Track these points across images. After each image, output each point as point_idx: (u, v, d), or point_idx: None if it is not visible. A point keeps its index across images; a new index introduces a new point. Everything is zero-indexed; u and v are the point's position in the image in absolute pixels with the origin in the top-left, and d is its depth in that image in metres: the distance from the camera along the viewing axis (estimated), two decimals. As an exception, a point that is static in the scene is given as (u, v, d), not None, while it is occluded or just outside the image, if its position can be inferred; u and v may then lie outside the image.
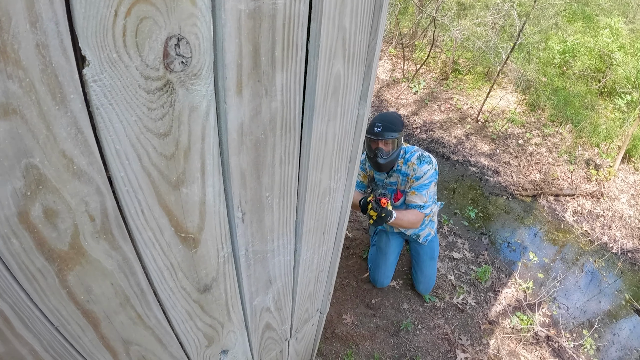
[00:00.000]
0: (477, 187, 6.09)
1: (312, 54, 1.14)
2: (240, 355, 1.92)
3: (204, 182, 1.12)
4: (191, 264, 1.25)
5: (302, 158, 1.34)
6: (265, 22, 1.00)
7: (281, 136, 1.21)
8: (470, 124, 7.27)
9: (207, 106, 1.01)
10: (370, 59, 1.36)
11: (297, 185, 1.41)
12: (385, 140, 3.33)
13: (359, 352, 3.55)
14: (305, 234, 1.64)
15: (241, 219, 1.28)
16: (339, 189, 1.66)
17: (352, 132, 1.51)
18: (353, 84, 1.36)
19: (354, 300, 3.96)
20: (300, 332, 2.38)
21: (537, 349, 3.90)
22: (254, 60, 1.03)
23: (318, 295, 2.23)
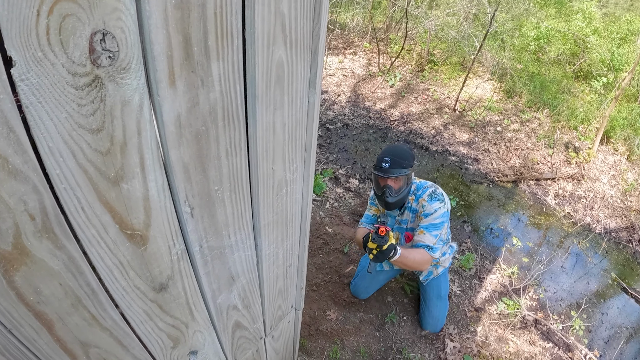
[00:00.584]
0: (457, 176, 6.11)
1: (249, 41, 1.12)
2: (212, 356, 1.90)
3: (145, 177, 1.10)
4: (142, 262, 1.23)
5: (250, 149, 1.32)
6: (195, 11, 0.98)
7: (224, 127, 1.19)
8: (448, 113, 7.30)
9: (140, 100, 1.00)
10: (315, 44, 1.34)
11: (249, 177, 1.39)
12: (394, 177, 3.16)
13: (345, 347, 3.55)
14: (265, 227, 1.63)
15: (190, 214, 1.26)
16: (296, 180, 1.65)
17: (304, 121, 1.49)
18: (299, 71, 1.34)
19: (337, 295, 3.95)
20: (276, 330, 2.37)
21: (526, 333, 3.93)
22: (185, 51, 1.01)
23: (290, 291, 2.21)
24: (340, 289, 4.01)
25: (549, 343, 3.87)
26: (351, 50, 9.07)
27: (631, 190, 6.20)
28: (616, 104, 7.27)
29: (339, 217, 4.84)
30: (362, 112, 7.23)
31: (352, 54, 8.99)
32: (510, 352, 3.71)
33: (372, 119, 7.10)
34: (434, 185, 3.31)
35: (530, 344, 3.84)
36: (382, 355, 3.53)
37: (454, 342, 3.65)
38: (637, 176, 6.46)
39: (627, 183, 6.32)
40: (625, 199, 6.08)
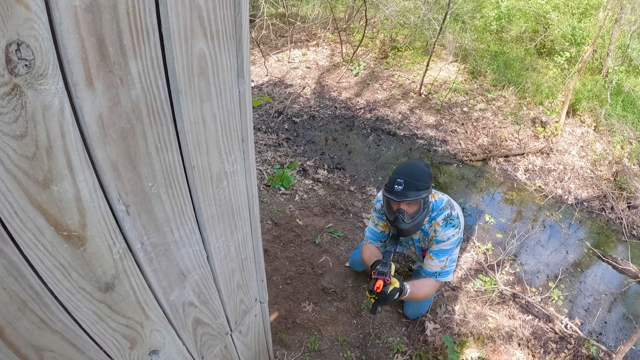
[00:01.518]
0: (426, 159, 6.20)
1: (165, 37, 1.15)
2: (176, 355, 1.92)
3: (74, 177, 1.13)
4: (83, 262, 1.25)
5: (181, 143, 1.35)
6: (106, 13, 1.02)
7: (150, 123, 1.22)
8: (414, 98, 7.38)
9: (60, 103, 1.03)
10: (239, 34, 1.36)
11: (184, 171, 1.42)
12: (408, 202, 2.89)
13: (323, 337, 3.58)
14: (209, 221, 1.65)
15: (126, 212, 1.29)
16: (237, 171, 1.67)
17: (236, 111, 1.52)
18: (225, 62, 1.37)
19: (312, 287, 3.99)
20: (243, 325, 2.39)
21: (505, 308, 4.00)
22: (100, 52, 1.04)
23: (250, 285, 2.23)
24: (315, 280, 4.04)
25: (528, 315, 3.94)
26: (314, 42, 9.10)
27: (600, 160, 6.33)
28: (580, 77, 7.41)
29: (309, 208, 4.88)
30: (328, 103, 7.27)
31: (315, 45, 9.01)
32: (490, 328, 3.77)
33: (339, 108, 7.15)
34: (450, 205, 3.10)
35: (509, 318, 3.90)
36: (361, 342, 3.57)
37: (432, 323, 3.69)
38: (605, 146, 6.60)
39: (596, 153, 6.45)
40: (595, 169, 6.21)
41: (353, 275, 4.11)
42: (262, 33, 9.17)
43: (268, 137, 6.40)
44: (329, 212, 4.89)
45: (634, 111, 7.22)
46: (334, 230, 4.59)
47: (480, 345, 3.64)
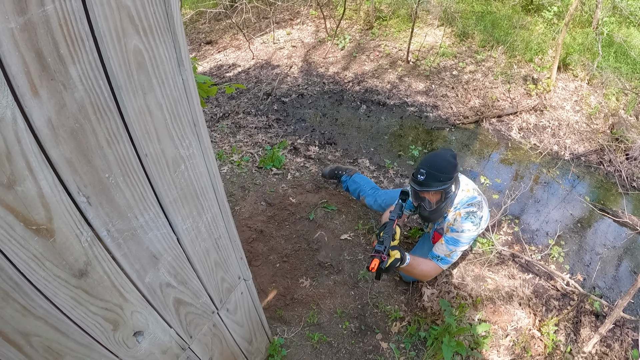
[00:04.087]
0: (417, 126, 6.29)
1: (99, 40, 1.29)
2: (161, 335, 2.07)
3: (35, 177, 1.27)
4: (55, 252, 1.40)
5: (130, 134, 1.48)
6: (40, 28, 1.16)
7: (98, 120, 1.36)
8: (402, 66, 7.44)
9: (12, 113, 1.18)
10: (172, 26, 1.46)
11: (139, 160, 1.55)
12: (429, 192, 3.13)
13: (322, 310, 3.72)
14: (172, 204, 1.77)
15: (87, 202, 1.43)
16: (194, 155, 1.78)
17: (182, 98, 1.63)
18: (162, 54, 1.48)
19: (308, 262, 4.12)
20: (230, 303, 2.52)
21: (504, 268, 4.09)
22: (40, 64, 1.19)
23: (230, 263, 2.36)
24: (311, 255, 4.18)
25: (528, 274, 4.02)
26: (298, 21, 9.14)
27: (596, 114, 6.38)
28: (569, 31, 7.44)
29: (302, 186, 5.00)
30: (316, 80, 7.36)
31: (299, 24, 9.05)
32: (489, 289, 3.86)
33: (327, 84, 7.23)
34: (479, 206, 3.26)
35: (509, 278, 3.99)
36: (359, 312, 3.71)
37: (430, 288, 3.78)
38: (600, 99, 6.64)
39: (591, 107, 6.49)
40: (590, 122, 6.27)
41: (349, 248, 4.24)
42: (243, 17, 9.23)
43: (258, 120, 6.50)
44: (321, 187, 5.00)
45: (627, 62, 7.24)
46: (328, 205, 4.71)
47: (480, 307, 3.73)
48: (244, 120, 6.55)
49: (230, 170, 5.25)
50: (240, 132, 6.23)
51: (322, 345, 3.50)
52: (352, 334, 3.58)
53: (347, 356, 3.44)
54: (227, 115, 6.71)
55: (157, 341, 2.07)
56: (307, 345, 3.49)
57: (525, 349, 3.45)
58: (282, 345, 3.46)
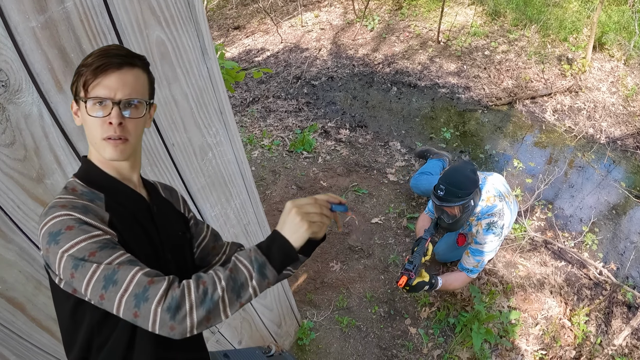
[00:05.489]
0: (449, 107, 6.16)
1: (121, 32, 1.28)
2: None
3: (64, 170, 1.31)
4: None
5: (157, 124, 1.47)
6: (61, 25, 1.18)
7: (124, 111, 1.35)
8: (432, 46, 7.29)
9: (39, 110, 1.22)
10: (195, 15, 1.46)
11: (166, 149, 1.54)
12: (447, 207, 3.23)
13: (351, 294, 3.70)
14: (200, 191, 1.76)
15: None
16: (221, 142, 1.77)
17: (208, 87, 1.62)
18: (186, 44, 1.47)
19: (339, 246, 4.10)
20: (260, 288, 2.51)
21: (536, 255, 4.01)
22: (63, 60, 1.21)
23: (260, 248, 2.34)
24: (341, 239, 4.15)
25: (561, 262, 3.93)
26: (326, 3, 9.02)
27: (633, 95, 6.14)
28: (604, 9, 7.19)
29: (333, 169, 4.97)
30: (346, 62, 7.27)
31: (326, 6, 8.94)
32: (520, 276, 3.80)
33: (357, 66, 7.14)
34: (500, 214, 3.32)
35: (541, 265, 3.91)
36: (389, 296, 3.68)
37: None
38: (637, 80, 6.40)
39: (628, 88, 6.26)
40: (627, 105, 6.05)
41: (379, 232, 4.20)
42: (270, 1, 9.16)
43: (288, 104, 6.46)
44: (352, 170, 4.96)
45: (666, 41, 6.99)
46: (359, 189, 4.68)
47: (510, 294, 3.68)
48: (274, 104, 6.51)
49: (261, 155, 5.24)
50: (270, 116, 6.20)
51: (351, 330, 3.48)
52: (381, 319, 3.56)
53: (376, 340, 3.42)
54: (257, 100, 6.68)
55: None
56: (336, 329, 3.48)
57: (554, 339, 3.38)
58: (311, 329, 3.46)
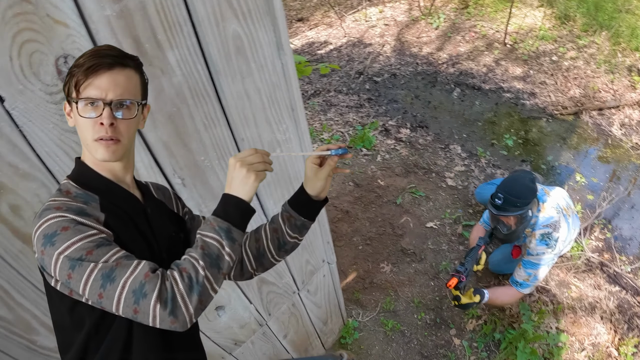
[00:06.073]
0: (513, 113, 6.05)
1: (197, 25, 1.32)
2: (242, 311, 2.13)
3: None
4: None
5: (228, 118, 1.51)
6: (137, 15, 1.21)
7: (195, 104, 1.39)
8: (499, 48, 7.17)
9: None
10: (272, 8, 1.47)
11: (235, 143, 1.59)
12: (504, 216, 3.18)
13: (399, 298, 3.71)
14: (265, 187, 1.80)
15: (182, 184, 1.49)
16: (290, 139, 1.80)
17: (281, 83, 1.64)
18: (261, 38, 1.49)
19: (391, 247, 4.10)
20: (311, 285, 2.56)
21: (591, 276, 3.89)
22: (138, 50, 1.24)
23: (316, 246, 2.38)
24: (394, 240, 4.16)
25: (615, 287, 3.79)
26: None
27: None
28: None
29: (391, 168, 4.98)
30: (409, 60, 7.23)
31: (391, 1, 8.89)
32: (572, 297, 3.70)
33: (420, 64, 7.09)
34: (556, 226, 3.25)
35: (595, 287, 3.79)
36: (437, 304, 3.67)
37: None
38: None
39: None
40: (700, 123, 5.81)
41: (433, 237, 4.18)
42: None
43: (349, 99, 6.48)
44: (411, 171, 4.96)
45: None
46: (416, 190, 4.67)
47: (560, 315, 3.58)
48: (335, 98, 6.54)
49: (320, 149, 5.25)
50: (331, 111, 6.23)
51: (395, 333, 3.49)
52: (426, 326, 3.56)
53: (418, 347, 3.42)
54: (319, 93, 6.73)
55: (236, 316, 2.15)
56: (380, 331, 3.50)
57: (599, 368, 3.28)
58: (355, 329, 3.50)
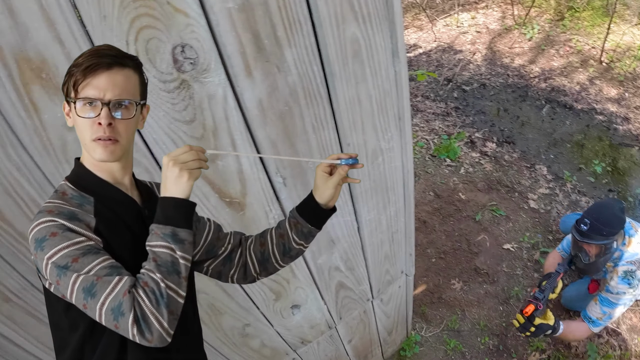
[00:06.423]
0: (604, 138, 5.82)
1: (317, 25, 1.33)
2: (315, 312, 2.16)
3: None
4: (242, 224, 1.51)
5: (337, 122, 1.53)
6: (258, 10, 1.24)
7: (307, 105, 1.41)
8: (594, 66, 6.91)
9: (224, 92, 1.30)
10: (391, 14, 1.47)
11: (340, 148, 1.60)
12: (589, 243, 3.05)
13: (465, 318, 3.66)
14: (362, 194, 1.82)
15: (283, 183, 1.51)
16: (393, 148, 1.81)
17: (392, 90, 1.64)
18: (378, 44, 1.49)
19: (464, 264, 4.05)
20: (385, 294, 2.56)
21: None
22: (256, 45, 1.28)
23: (398, 257, 2.39)
24: (468, 258, 4.10)
25: None
26: (483, 4, 8.77)
27: None
28: None
29: (473, 183, 4.90)
30: (500, 70, 7.08)
31: (484, 7, 8.70)
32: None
33: (511, 76, 6.93)
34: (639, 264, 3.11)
35: None
36: (502, 330, 3.59)
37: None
38: None
39: None
40: None
41: (509, 259, 4.09)
42: (428, -4, 9.08)
43: (436, 106, 6.41)
44: (493, 188, 4.85)
45: None
46: (497, 209, 4.56)
47: (626, 363, 3.42)
48: (422, 104, 6.49)
49: (403, 155, 5.23)
50: (417, 116, 6.18)
51: (455, 354, 3.45)
52: (488, 351, 3.49)
53: (477, 372, 3.34)
54: (405, 97, 6.67)
55: (309, 316, 2.20)
56: (441, 349, 3.47)
57: None
58: (417, 343, 3.48)
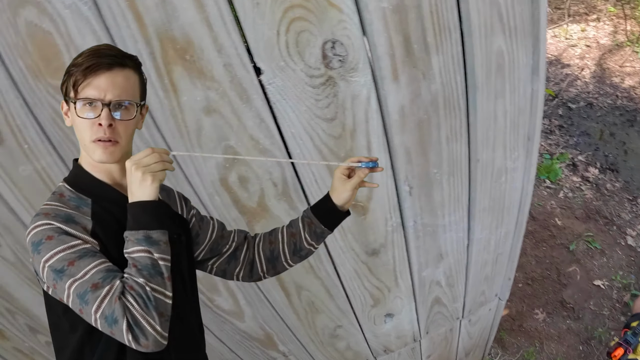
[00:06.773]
0: None
1: (466, 34, 1.32)
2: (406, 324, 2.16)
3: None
4: (360, 228, 1.53)
5: (470, 136, 1.51)
6: (411, 12, 1.24)
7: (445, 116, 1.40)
8: None
9: (368, 93, 1.31)
10: (536, 30, 1.45)
11: (468, 163, 1.58)
12: None
13: (542, 352, 3.55)
14: (480, 212, 1.80)
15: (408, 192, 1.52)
16: (517, 168, 1.78)
17: (527, 108, 1.61)
18: (520, 59, 1.47)
19: (551, 295, 3.92)
20: (475, 315, 2.53)
21: None
22: (406, 49, 1.29)
23: (496, 280, 2.35)
24: (556, 289, 3.97)
25: None
26: (594, 17, 8.39)
27: None
28: None
29: (571, 209, 4.72)
30: (608, 90, 6.78)
31: (595, 20, 8.34)
32: None
33: (620, 98, 6.62)
34: None
35: None
36: (579, 372, 3.46)
37: None
38: None
39: None
40: None
41: (597, 297, 3.94)
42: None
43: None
44: (591, 218, 4.65)
45: None
46: (592, 241, 4.38)
47: None
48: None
49: (502, 171, 5.12)
50: (519, 130, 6.00)
51: (527, 387, 3.35)
52: (561, 390, 3.38)
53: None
54: (508, 109, 6.51)
55: (399, 326, 2.20)
56: (512, 380, 3.37)
57: None
58: (489, 368, 3.40)
